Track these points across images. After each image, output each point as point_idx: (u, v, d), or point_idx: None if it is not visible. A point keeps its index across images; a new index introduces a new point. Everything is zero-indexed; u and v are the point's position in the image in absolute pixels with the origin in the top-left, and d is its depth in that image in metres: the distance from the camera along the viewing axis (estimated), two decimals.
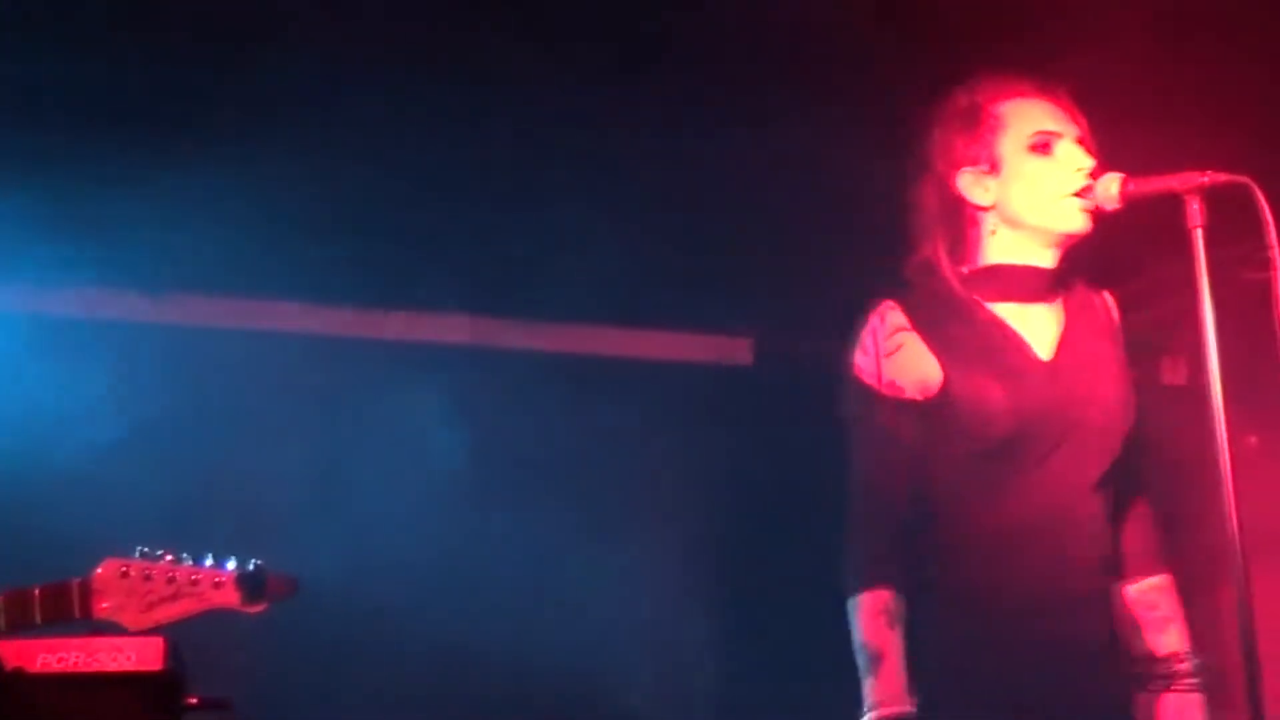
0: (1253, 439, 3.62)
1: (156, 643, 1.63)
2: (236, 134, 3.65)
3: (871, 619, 2.47)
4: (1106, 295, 2.68)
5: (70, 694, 1.52)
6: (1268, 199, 2.25)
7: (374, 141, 3.76)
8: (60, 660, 1.54)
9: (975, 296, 2.56)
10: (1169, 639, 2.57)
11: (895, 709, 2.42)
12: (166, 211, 3.92)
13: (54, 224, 3.91)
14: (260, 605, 2.08)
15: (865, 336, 2.56)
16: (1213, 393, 2.26)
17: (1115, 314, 2.68)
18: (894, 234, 2.71)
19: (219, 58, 3.45)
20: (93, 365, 4.15)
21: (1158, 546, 2.65)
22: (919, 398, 2.51)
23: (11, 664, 1.49)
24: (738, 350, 5.14)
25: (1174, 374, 4.27)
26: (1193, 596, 4.26)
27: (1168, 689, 2.50)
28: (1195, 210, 2.30)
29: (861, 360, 2.55)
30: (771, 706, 4.62)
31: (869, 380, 2.53)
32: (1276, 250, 2.25)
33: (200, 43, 3.40)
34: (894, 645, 2.45)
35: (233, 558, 2.10)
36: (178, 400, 4.25)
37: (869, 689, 2.45)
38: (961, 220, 2.59)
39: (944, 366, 2.50)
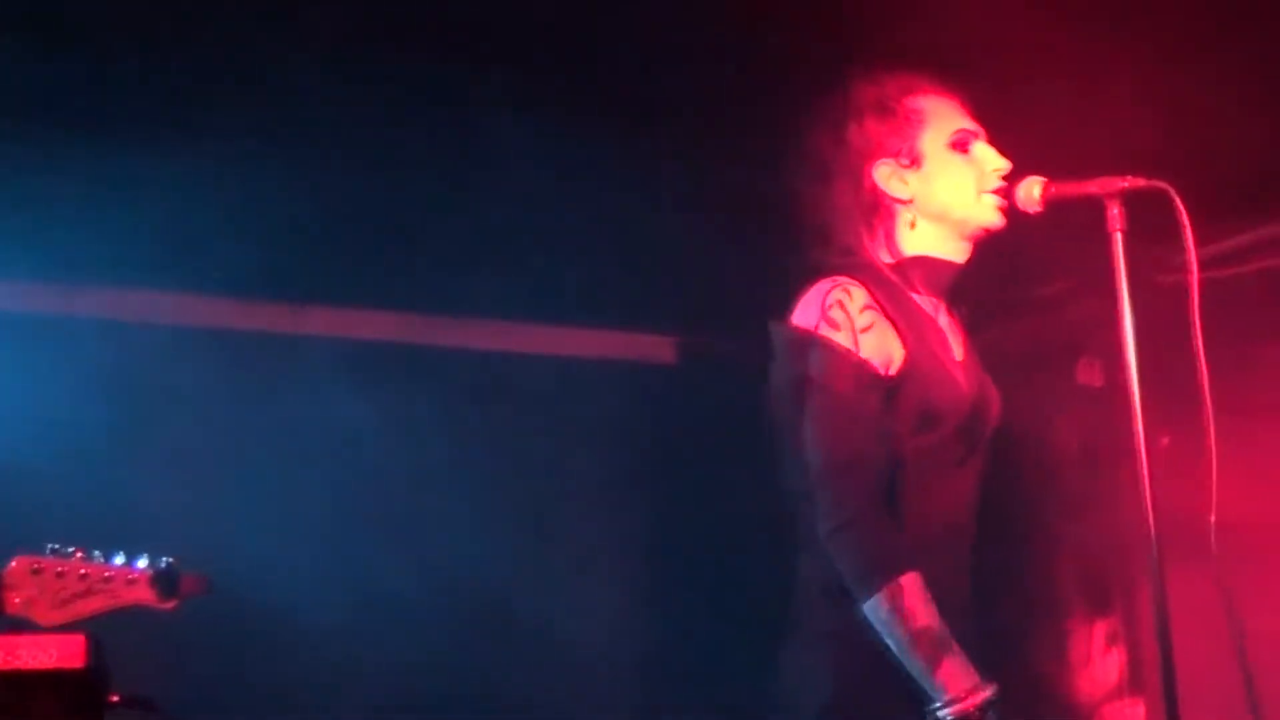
0: (1165, 440, 3.70)
1: (78, 640, 1.62)
2: (150, 125, 3.60)
3: (920, 602, 2.30)
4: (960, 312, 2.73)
5: None
6: (1186, 204, 2.31)
7: (295, 135, 3.71)
8: None
9: (909, 284, 2.58)
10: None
11: (983, 695, 2.30)
12: (76, 203, 3.83)
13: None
14: (173, 602, 2.06)
15: (832, 308, 2.45)
16: (1131, 394, 2.31)
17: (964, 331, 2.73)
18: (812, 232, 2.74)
19: (133, 48, 3.39)
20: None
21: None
22: (885, 374, 2.44)
23: None
24: (661, 349, 5.13)
25: (1090, 375, 4.33)
26: (1110, 592, 4.38)
27: None
28: (1115, 214, 2.34)
29: (834, 334, 2.43)
30: (698, 708, 4.63)
31: (848, 353, 2.42)
32: (1193, 254, 2.31)
33: (114, 32, 3.33)
34: (944, 626, 2.32)
35: (145, 555, 2.08)
36: (86, 396, 4.16)
37: (941, 680, 2.28)
38: (878, 212, 2.60)
39: (907, 346, 2.46)
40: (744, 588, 4.26)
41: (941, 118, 2.58)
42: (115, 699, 1.65)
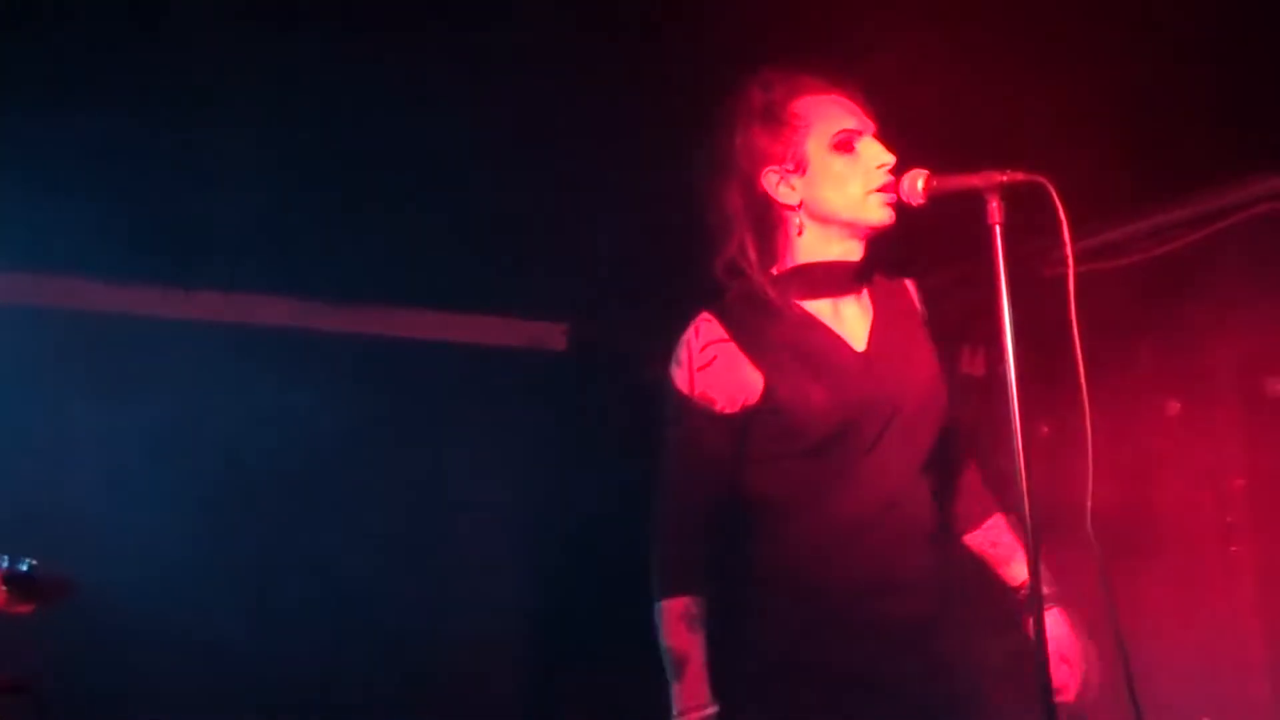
0: (1045, 428, 3.77)
1: None
2: (33, 102, 3.56)
3: (674, 624, 2.50)
4: (908, 283, 2.74)
5: None
6: (1064, 197, 2.36)
7: (190, 115, 3.68)
8: None
9: (787, 297, 2.59)
10: (1018, 569, 2.66)
11: (700, 713, 2.46)
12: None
13: None
14: (29, 605, 2.01)
15: (681, 349, 2.56)
16: (1010, 383, 2.35)
17: (918, 301, 2.75)
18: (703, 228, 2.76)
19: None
20: None
21: (989, 498, 2.75)
22: (730, 410, 2.52)
23: None
24: (552, 336, 5.17)
25: (972, 364, 4.41)
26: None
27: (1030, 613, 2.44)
28: (995, 207, 2.35)
29: (676, 372, 2.56)
30: (584, 696, 4.66)
31: (683, 389, 2.54)
32: (1069, 248, 2.36)
33: None
34: (696, 650, 2.49)
35: (5, 557, 2.03)
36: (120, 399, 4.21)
37: (675, 693, 2.49)
38: (770, 219, 2.61)
39: (764, 373, 2.52)
40: (630, 573, 4.31)
41: (825, 119, 2.58)
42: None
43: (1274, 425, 3.81)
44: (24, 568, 1.97)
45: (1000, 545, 2.72)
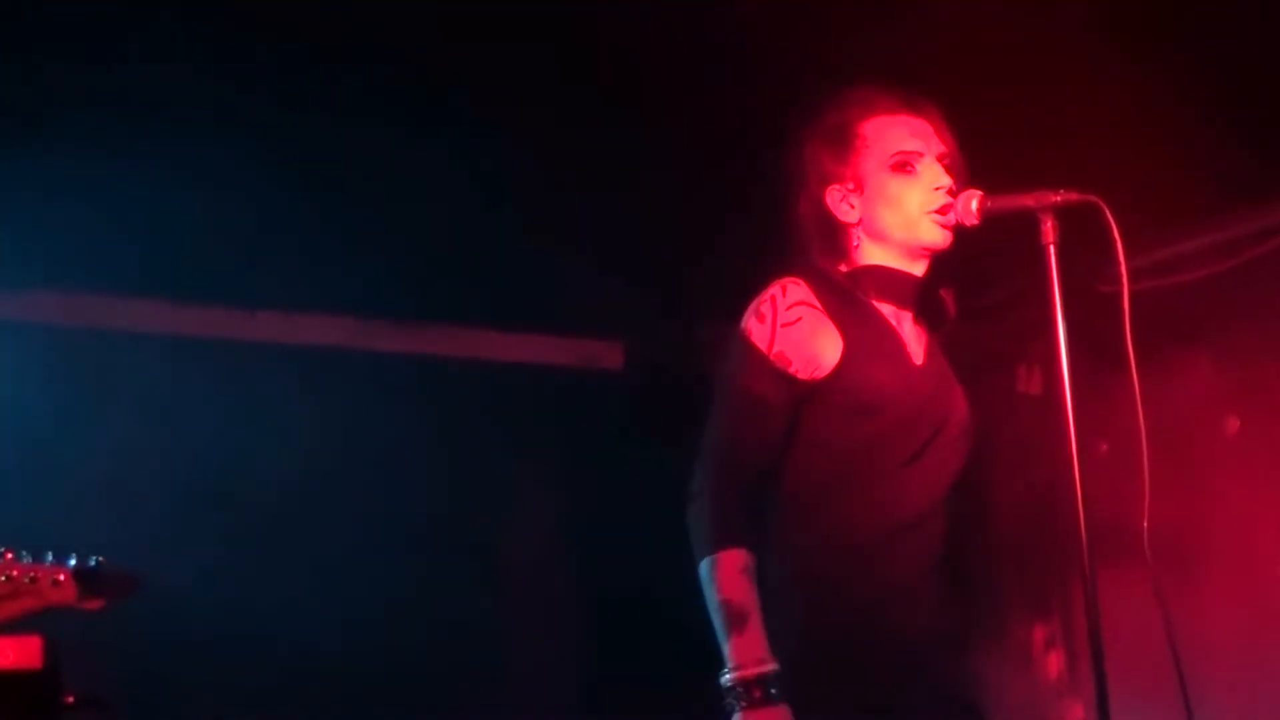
0: (1104, 446, 3.75)
1: (34, 641, 1.63)
2: (101, 130, 3.59)
3: (733, 577, 2.41)
4: (947, 294, 2.74)
5: None
6: (1118, 214, 2.37)
7: (248, 142, 3.71)
8: None
9: (860, 290, 2.61)
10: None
11: (760, 669, 2.37)
12: (25, 206, 3.83)
13: None
14: (98, 602, 2.04)
15: (763, 303, 2.54)
16: (1066, 401, 2.37)
17: (952, 311, 2.75)
18: (768, 244, 2.79)
19: (84, 57, 3.38)
20: None
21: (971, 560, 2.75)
22: (801, 375, 2.50)
23: None
24: (609, 354, 5.17)
25: (1029, 383, 4.40)
26: (1049, 595, 4.42)
27: None
28: (1049, 227, 2.38)
29: (755, 325, 2.53)
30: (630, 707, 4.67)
31: (759, 344, 2.50)
32: (1124, 266, 2.37)
33: (70, 42, 3.32)
34: (754, 603, 2.40)
35: (74, 555, 2.06)
36: (33, 399, 4.14)
37: (731, 648, 2.39)
38: (834, 233, 2.64)
39: (845, 346, 2.51)
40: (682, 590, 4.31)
41: (886, 141, 2.61)
42: (70, 700, 1.66)
43: None
44: (92, 564, 2.01)
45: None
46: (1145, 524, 2.34)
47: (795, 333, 2.51)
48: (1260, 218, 3.94)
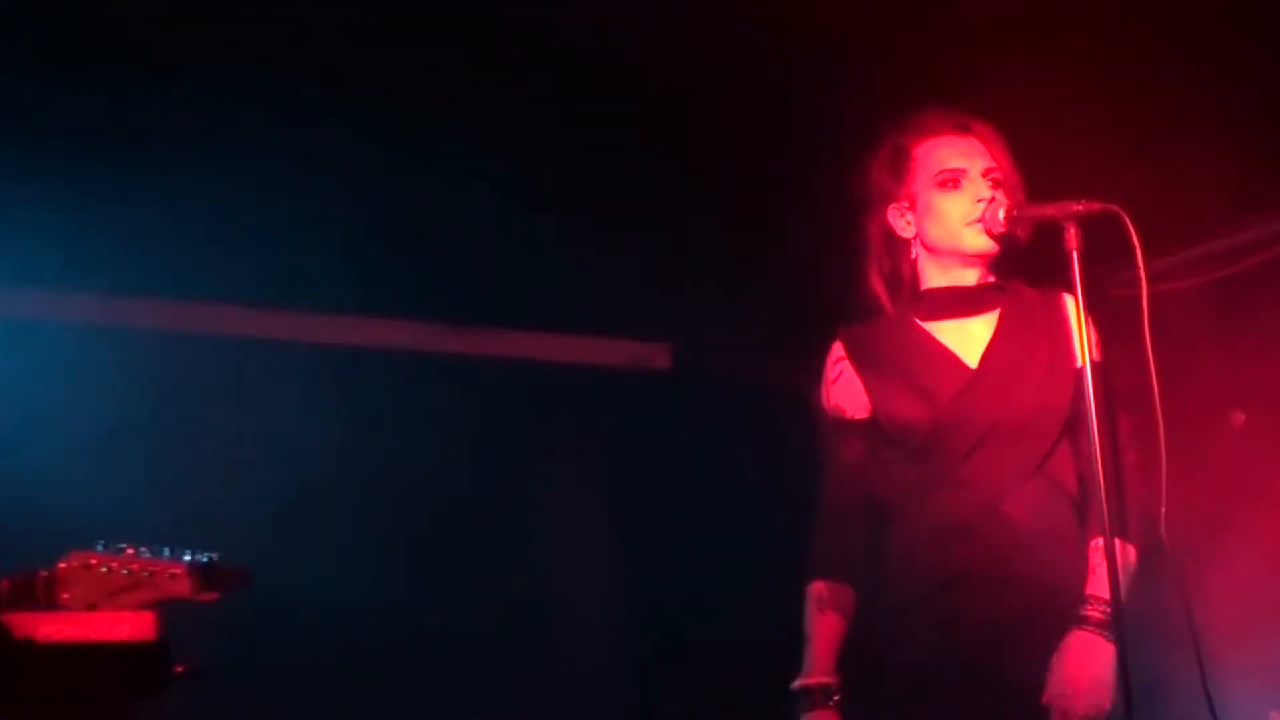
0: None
1: (148, 616, 1.66)
2: (189, 146, 3.63)
3: (807, 605, 2.66)
4: (1066, 297, 2.62)
5: (72, 661, 1.54)
6: (1139, 224, 2.36)
7: (335, 154, 3.74)
8: (61, 631, 1.57)
9: (914, 318, 2.68)
10: (1096, 583, 2.48)
11: (817, 680, 2.61)
12: (123, 218, 3.84)
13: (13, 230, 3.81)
14: (212, 595, 2.08)
15: (823, 369, 2.75)
16: (1088, 395, 2.37)
17: (1070, 310, 2.59)
18: (809, 255, 2.82)
19: (155, 80, 3.41)
20: (51, 367, 4.06)
21: (1093, 514, 2.52)
22: (859, 416, 2.69)
23: (20, 635, 1.52)
24: (656, 355, 5.14)
25: None
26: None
27: (1080, 626, 2.47)
28: (1072, 234, 2.39)
29: (820, 389, 2.74)
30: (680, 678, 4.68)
31: (824, 404, 2.73)
32: (1142, 270, 2.37)
33: (159, 64, 3.35)
34: (826, 629, 2.64)
35: (189, 551, 2.11)
36: (137, 402, 4.13)
37: (804, 661, 2.64)
38: (897, 249, 2.73)
39: (868, 390, 2.67)
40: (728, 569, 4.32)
41: (934, 160, 2.66)
42: (179, 669, 1.70)
43: None
44: (205, 560, 2.04)
45: (1093, 560, 2.55)
46: (1163, 509, 2.34)
47: (839, 388, 2.72)
48: (1263, 225, 3.94)
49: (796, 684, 2.62)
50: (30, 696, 1.51)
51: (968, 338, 2.66)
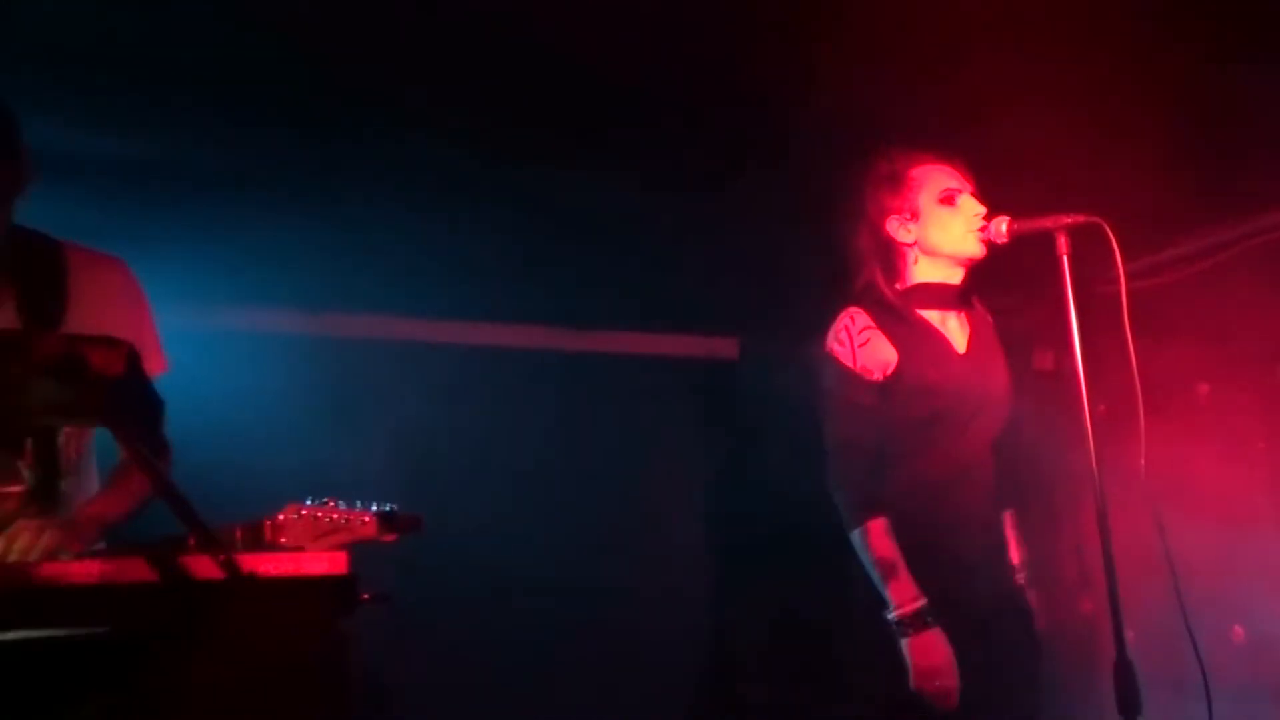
0: (1102, 407, 3.68)
1: (341, 555, 1.71)
2: (376, 180, 3.58)
3: (881, 540, 2.47)
4: (989, 317, 2.75)
5: (285, 590, 1.60)
6: (1117, 231, 2.34)
7: (472, 190, 3.68)
8: (278, 567, 1.62)
9: (909, 305, 2.64)
10: (1016, 552, 2.68)
11: (915, 605, 2.43)
12: (321, 241, 3.85)
13: (230, 255, 3.83)
14: (393, 536, 2.13)
15: (840, 331, 2.61)
16: (1078, 373, 2.35)
17: (990, 317, 2.75)
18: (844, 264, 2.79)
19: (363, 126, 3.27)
20: (262, 367, 4.14)
21: (1005, 491, 2.67)
22: (879, 378, 2.57)
23: (247, 570, 1.57)
24: (726, 347, 5.13)
25: (1043, 361, 4.33)
26: (1060, 525, 4.33)
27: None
28: (1062, 243, 2.37)
29: (839, 349, 2.60)
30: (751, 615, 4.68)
31: (847, 362, 2.58)
32: (1121, 270, 2.33)
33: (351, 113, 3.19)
34: (900, 557, 2.46)
35: (374, 503, 2.16)
36: (329, 392, 4.22)
37: (890, 593, 2.44)
38: (891, 253, 2.68)
39: (899, 354, 2.58)
40: (785, 523, 4.30)
41: (933, 181, 2.64)
42: (365, 597, 1.74)
43: None
44: (388, 509, 2.09)
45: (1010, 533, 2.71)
46: (1143, 462, 2.31)
47: (869, 350, 2.58)
48: (1220, 232, 3.87)
49: (897, 613, 2.43)
50: (252, 618, 1.56)
51: (951, 329, 2.65)
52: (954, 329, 2.66)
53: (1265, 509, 3.71)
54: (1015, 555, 2.67)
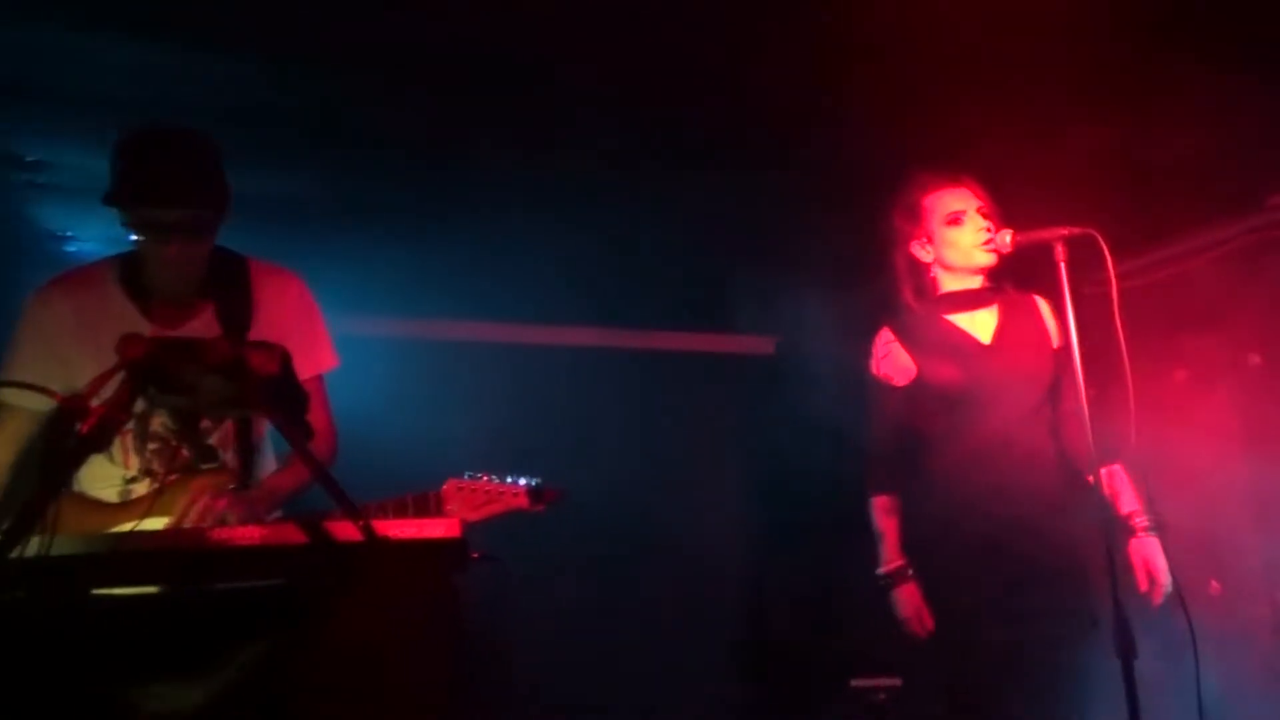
0: (1092, 391, 3.63)
1: (455, 521, 1.73)
2: (533, 202, 3.63)
3: (877, 514, 2.68)
4: (1036, 297, 2.71)
5: (410, 551, 1.62)
6: (1109, 240, 2.30)
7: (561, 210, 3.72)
8: (403, 531, 1.64)
9: (939, 313, 2.66)
10: (1126, 502, 2.53)
11: (895, 564, 2.63)
12: (421, 258, 3.91)
13: (385, 270, 3.94)
14: (540, 507, 2.17)
15: (871, 349, 2.71)
16: (1074, 356, 2.33)
17: (1041, 307, 2.70)
18: (872, 275, 2.80)
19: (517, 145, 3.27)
20: (409, 368, 4.24)
21: (1100, 448, 2.48)
22: (900, 383, 2.64)
23: (380, 534, 1.59)
24: (764, 345, 5.13)
25: None
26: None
27: (1133, 535, 2.50)
28: (1060, 251, 2.36)
29: (870, 363, 2.71)
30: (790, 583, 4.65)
31: (874, 372, 2.69)
32: (1111, 273, 2.30)
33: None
34: (891, 528, 2.65)
35: (524, 477, 2.19)
36: (467, 385, 4.31)
37: (880, 554, 2.65)
38: (919, 271, 2.70)
39: (917, 363, 2.63)
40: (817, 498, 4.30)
41: (942, 206, 2.64)
42: (475, 555, 1.76)
43: (1255, 385, 3.64)
44: (535, 483, 2.11)
45: (1115, 485, 2.56)
46: (1133, 437, 2.28)
47: (889, 361, 2.67)
48: (1198, 237, 3.79)
49: (881, 570, 2.64)
50: (385, 574, 1.58)
51: (978, 324, 2.64)
52: (982, 323, 2.66)
53: (1242, 479, 3.63)
54: (1123, 506, 2.51)
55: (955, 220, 2.62)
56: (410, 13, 2.51)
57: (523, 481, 2.05)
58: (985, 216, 2.61)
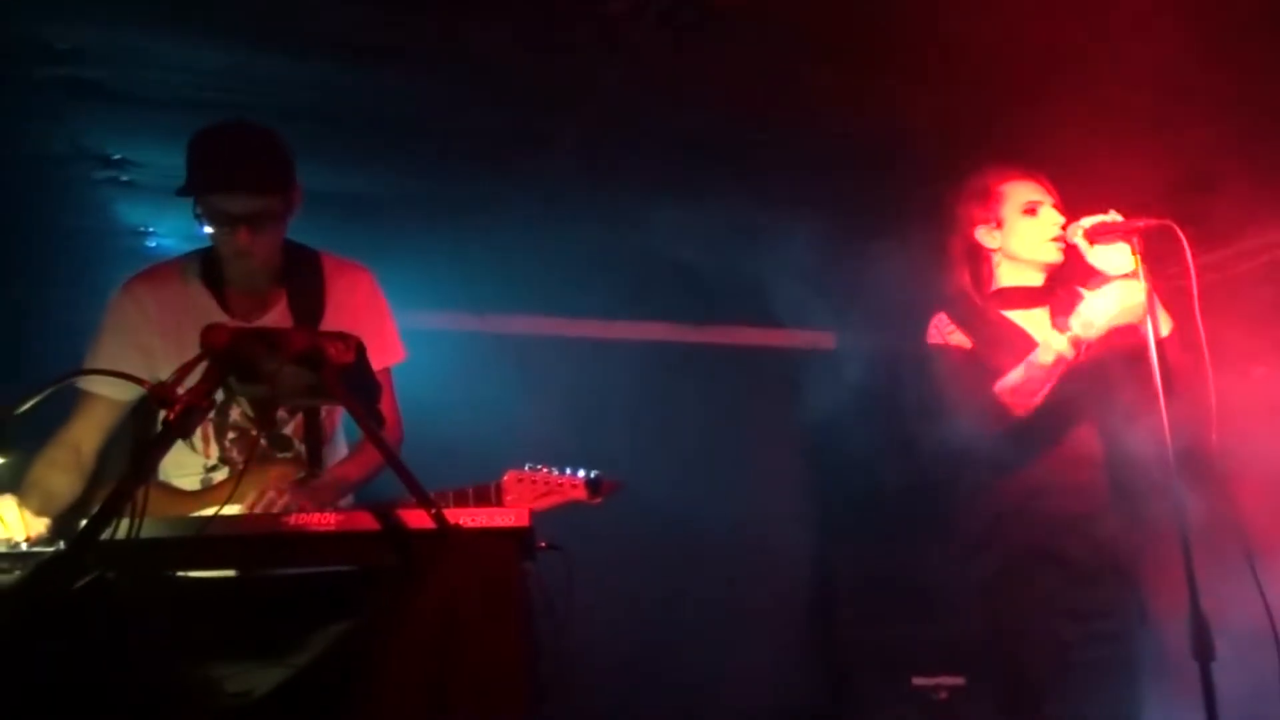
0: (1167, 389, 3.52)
1: (525, 510, 1.74)
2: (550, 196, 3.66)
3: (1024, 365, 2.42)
4: (1083, 292, 2.60)
5: (481, 538, 1.63)
6: (1187, 231, 2.23)
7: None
8: (474, 520, 1.66)
9: (996, 307, 2.58)
10: None
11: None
12: (486, 256, 3.95)
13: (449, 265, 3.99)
14: (598, 499, 2.17)
15: (932, 329, 2.58)
16: (1151, 344, 2.25)
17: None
18: (927, 271, 2.74)
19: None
20: (473, 360, 4.27)
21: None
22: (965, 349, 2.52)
23: (452, 523, 1.61)
24: (824, 340, 5.10)
25: None
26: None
27: None
28: (1135, 243, 2.29)
29: (936, 337, 2.57)
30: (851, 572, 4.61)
31: (937, 341, 2.55)
32: (1191, 265, 2.23)
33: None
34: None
35: (582, 469, 2.20)
36: (520, 375, 4.34)
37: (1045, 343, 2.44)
38: (978, 258, 2.61)
39: (973, 341, 2.53)
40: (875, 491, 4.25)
41: (1017, 194, 2.57)
42: (543, 545, 1.77)
43: None
44: (593, 475, 2.12)
45: None
46: (1214, 435, 2.20)
47: (954, 339, 2.55)
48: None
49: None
50: (457, 560, 1.59)
51: (1032, 322, 2.57)
52: (1037, 322, 2.58)
53: None
54: None
55: (1031, 210, 2.54)
56: (479, 19, 2.53)
57: (581, 473, 2.05)
58: (1059, 211, 2.53)
